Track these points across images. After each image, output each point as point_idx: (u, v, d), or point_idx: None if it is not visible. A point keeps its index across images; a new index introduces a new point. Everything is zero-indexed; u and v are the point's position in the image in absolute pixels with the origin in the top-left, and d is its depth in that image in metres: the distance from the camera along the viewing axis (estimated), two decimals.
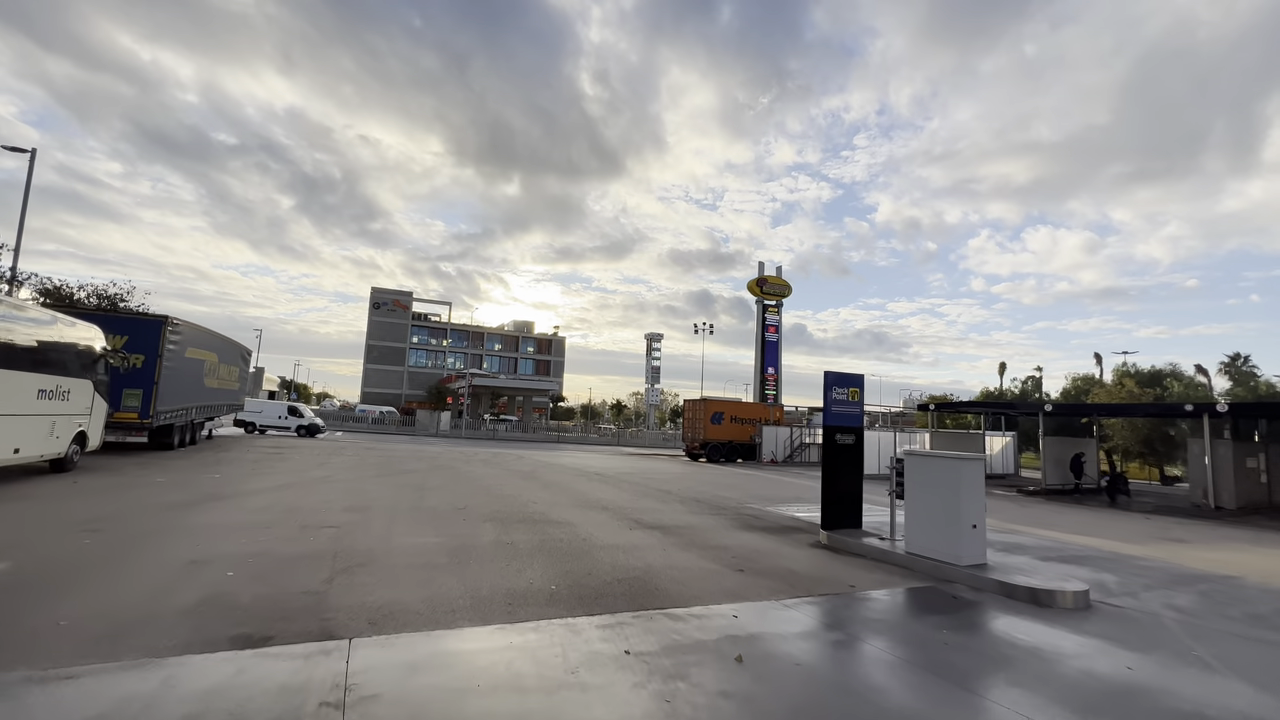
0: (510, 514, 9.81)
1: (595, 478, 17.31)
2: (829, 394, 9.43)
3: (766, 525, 10.41)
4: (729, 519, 10.89)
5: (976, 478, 7.49)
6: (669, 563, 7.02)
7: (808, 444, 35.39)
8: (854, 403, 9.66)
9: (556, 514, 10.13)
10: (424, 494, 11.61)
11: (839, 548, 8.63)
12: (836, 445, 9.43)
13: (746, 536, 9.17)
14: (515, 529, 8.53)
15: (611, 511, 10.82)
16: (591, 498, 12.60)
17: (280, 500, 9.76)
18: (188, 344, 17.96)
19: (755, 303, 44.96)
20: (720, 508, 12.40)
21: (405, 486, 12.57)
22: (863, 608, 5.82)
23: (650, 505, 12.07)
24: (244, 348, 26.72)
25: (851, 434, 9.56)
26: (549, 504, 11.26)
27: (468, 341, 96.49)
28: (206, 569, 5.58)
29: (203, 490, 10.39)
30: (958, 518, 7.26)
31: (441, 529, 8.21)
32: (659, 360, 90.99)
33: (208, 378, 20.48)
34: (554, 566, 6.49)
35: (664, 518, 10.52)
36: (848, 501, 9.44)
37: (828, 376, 9.47)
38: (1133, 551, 9.89)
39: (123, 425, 15.35)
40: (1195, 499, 19.76)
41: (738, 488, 17.16)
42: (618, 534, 8.67)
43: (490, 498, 11.63)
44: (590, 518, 9.97)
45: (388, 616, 4.59)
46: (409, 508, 9.85)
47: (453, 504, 10.50)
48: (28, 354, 10.18)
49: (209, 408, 21.08)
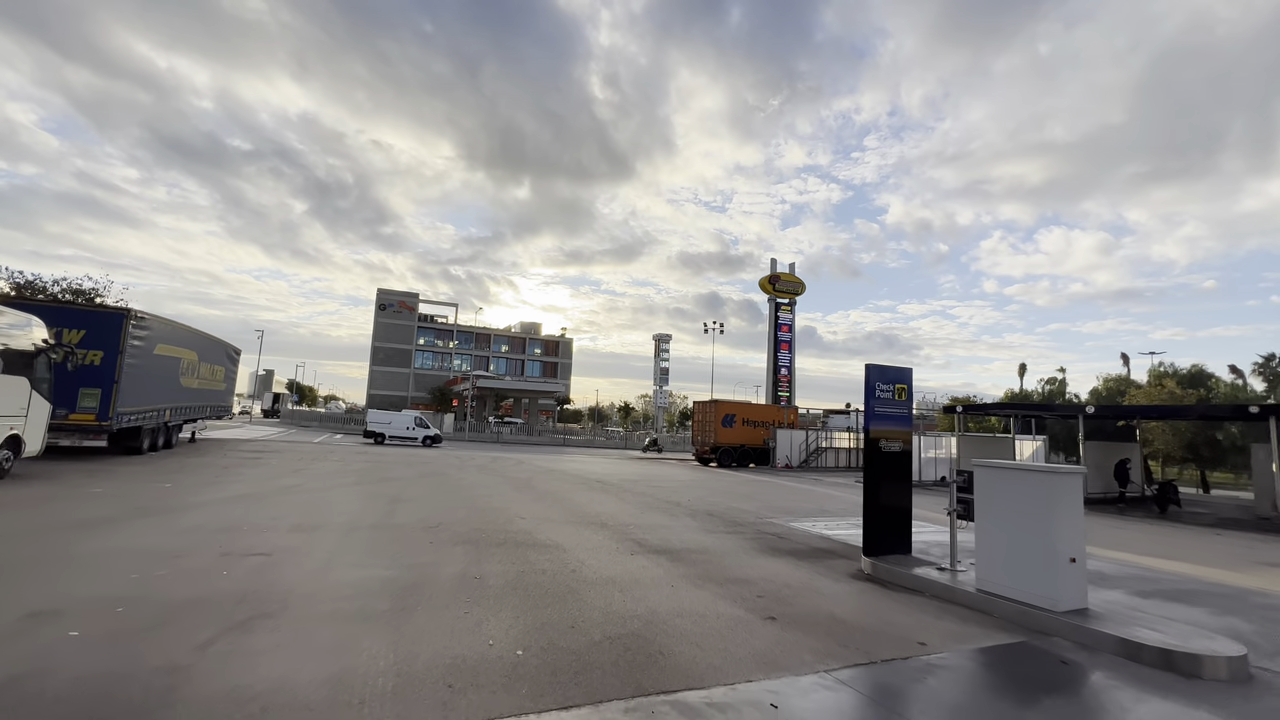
0: (490, 534, 8.28)
1: (597, 486, 15.76)
2: (871, 392, 7.82)
3: (794, 548, 8.80)
4: (748, 539, 9.30)
5: (1074, 498, 5.87)
6: (678, 607, 5.44)
7: (824, 448, 33.68)
8: (901, 402, 8.04)
9: (545, 533, 8.58)
10: (396, 507, 10.11)
11: (888, 580, 7.01)
12: (881, 454, 7.81)
13: (772, 564, 7.57)
14: (490, 556, 6.98)
15: (611, 530, 9.27)
16: (590, 511, 11.05)
17: (219, 517, 8.29)
18: (157, 340, 16.63)
19: (767, 301, 43.26)
20: (736, 523, 10.80)
21: (378, 498, 11.08)
22: (946, 681, 4.21)
23: (656, 520, 10.50)
24: (231, 347, 25.44)
25: (898, 439, 7.95)
26: (539, 520, 9.72)
27: (474, 343, 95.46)
28: (46, 624, 4.09)
29: (137, 504, 8.95)
30: (1051, 549, 5.64)
31: (399, 557, 6.68)
32: (667, 362, 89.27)
33: (185, 377, 19.16)
34: (527, 615, 4.94)
35: (672, 537, 8.95)
36: (895, 522, 7.81)
37: (870, 371, 7.86)
38: (1243, 583, 8.18)
39: (78, 428, 14.01)
40: (1261, 510, 17.86)
41: (754, 498, 15.54)
42: (615, 561, 7.11)
43: (472, 512, 10.11)
44: (585, 538, 8.42)
45: (258, 716, 3.06)
46: (370, 526, 8.34)
47: (425, 520, 8.99)
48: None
49: (188, 409, 19.75)
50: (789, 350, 43.20)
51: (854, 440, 35.44)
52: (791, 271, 44.39)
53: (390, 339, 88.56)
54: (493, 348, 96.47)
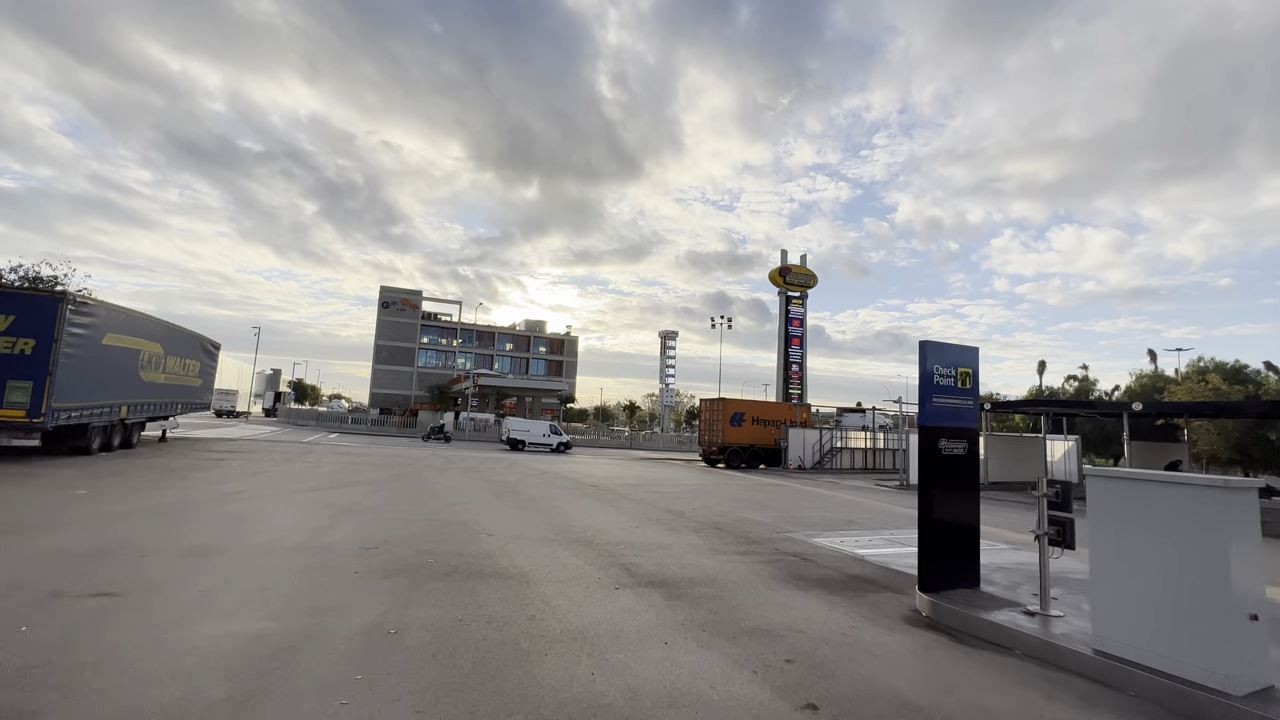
0: (440, 558, 6.55)
1: (590, 492, 14.02)
2: (928, 378, 6.02)
3: (824, 574, 7.01)
4: (765, 561, 7.51)
5: (1249, 524, 4.05)
6: (673, 686, 3.69)
7: (839, 448, 31.80)
8: (965, 391, 6.24)
9: (511, 557, 6.85)
10: (339, 521, 8.42)
11: (958, 629, 5.21)
12: (940, 457, 6.01)
13: (799, 601, 5.80)
14: (425, 595, 5.25)
15: (596, 550, 7.52)
16: (575, 525, 9.31)
17: (102, 536, 6.61)
18: (106, 328, 15.05)
19: (778, 294, 41.36)
20: (750, 539, 9.03)
21: (325, 508, 9.39)
22: None
23: (653, 537, 8.74)
24: (208, 340, 23.91)
25: (962, 439, 6.15)
26: (509, 537, 7.99)
27: (478, 341, 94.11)
28: None
29: (9, 517, 7.30)
30: (1222, 600, 3.84)
31: (296, 598, 4.96)
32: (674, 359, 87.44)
33: (146, 371, 17.60)
34: (440, 707, 3.20)
35: (670, 561, 7.18)
36: (960, 546, 6.01)
37: (926, 351, 6.05)
38: None
39: (6, 425, 12.46)
40: None
41: (768, 505, 13.74)
42: (593, 601, 5.36)
43: (430, 526, 8.40)
44: (560, 564, 6.67)
45: None
46: (291, 548, 6.64)
47: (365, 540, 7.28)
48: None
49: (150, 405, 18.19)
50: (800, 345, 41.29)
51: (870, 440, 33.54)
52: (803, 264, 42.46)
53: (393, 337, 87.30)
54: (497, 346, 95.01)
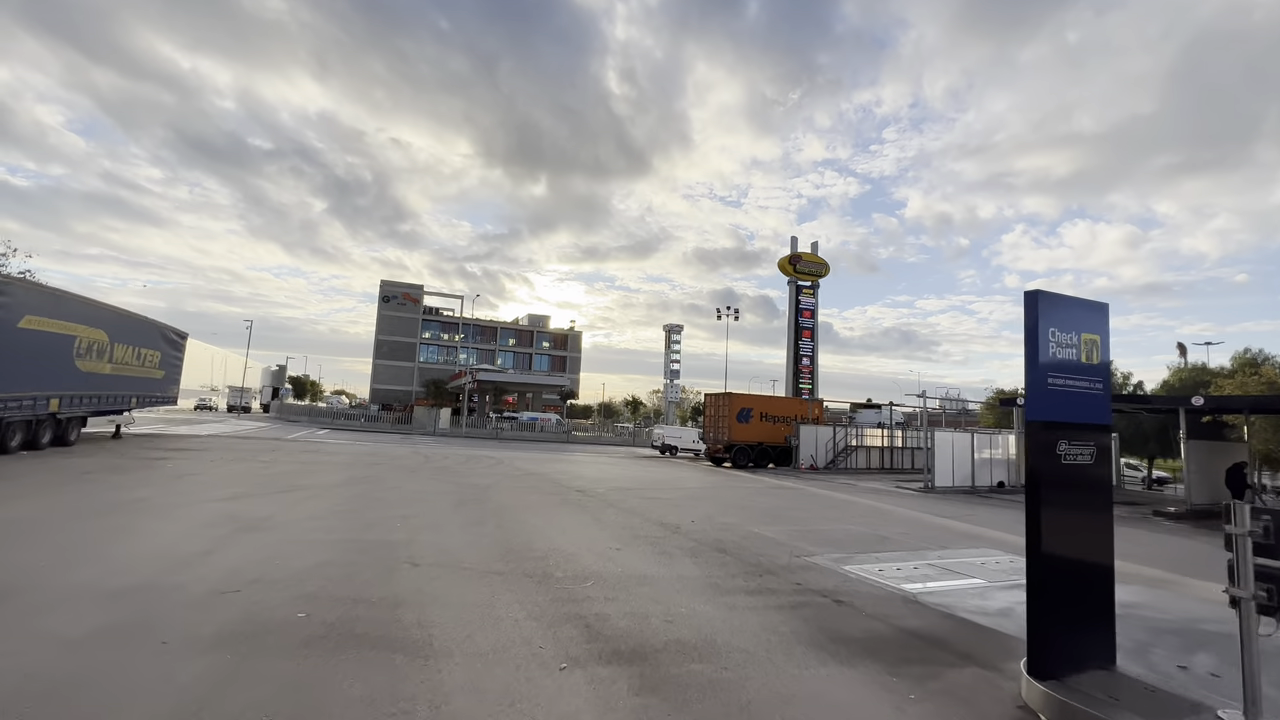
0: (318, 609, 4.56)
1: (574, 499, 12.02)
2: (1040, 344, 3.93)
3: (872, 633, 4.95)
4: (786, 608, 5.47)
5: None
6: None
7: (854, 447, 29.63)
8: (1092, 367, 4.15)
9: (422, 607, 4.85)
10: (228, 544, 6.44)
11: None
12: (1060, 467, 3.93)
13: (844, 692, 3.75)
14: (241, 688, 3.25)
15: (552, 590, 5.50)
16: (538, 547, 7.29)
17: None
18: (24, 310, 13.21)
19: (788, 283, 39.13)
20: (761, 568, 6.98)
21: (225, 523, 7.42)
22: None
23: (636, 565, 6.72)
24: (170, 329, 22.09)
25: (1089, 442, 4.06)
26: (441, 568, 5.99)
27: (481, 337, 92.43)
28: None
29: None
30: None
31: (17, 694, 2.98)
32: (679, 354, 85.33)
33: (85, 360, 15.77)
34: None
35: (653, 610, 5.16)
36: (1089, 603, 3.94)
37: (1038, 304, 3.94)
38: None
39: None
40: None
41: (781, 515, 11.68)
42: (517, 701, 3.34)
43: (343, 551, 6.41)
44: (492, 618, 4.67)
45: None
46: (108, 593, 4.66)
47: (236, 575, 5.30)
48: None
49: (91, 399, 16.35)
50: (811, 338, 39.08)
51: (886, 439, 31.36)
52: (814, 251, 40.21)
53: (394, 332, 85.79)
54: (500, 341, 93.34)
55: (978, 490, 21.36)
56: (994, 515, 13.71)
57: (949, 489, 20.72)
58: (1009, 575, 7.31)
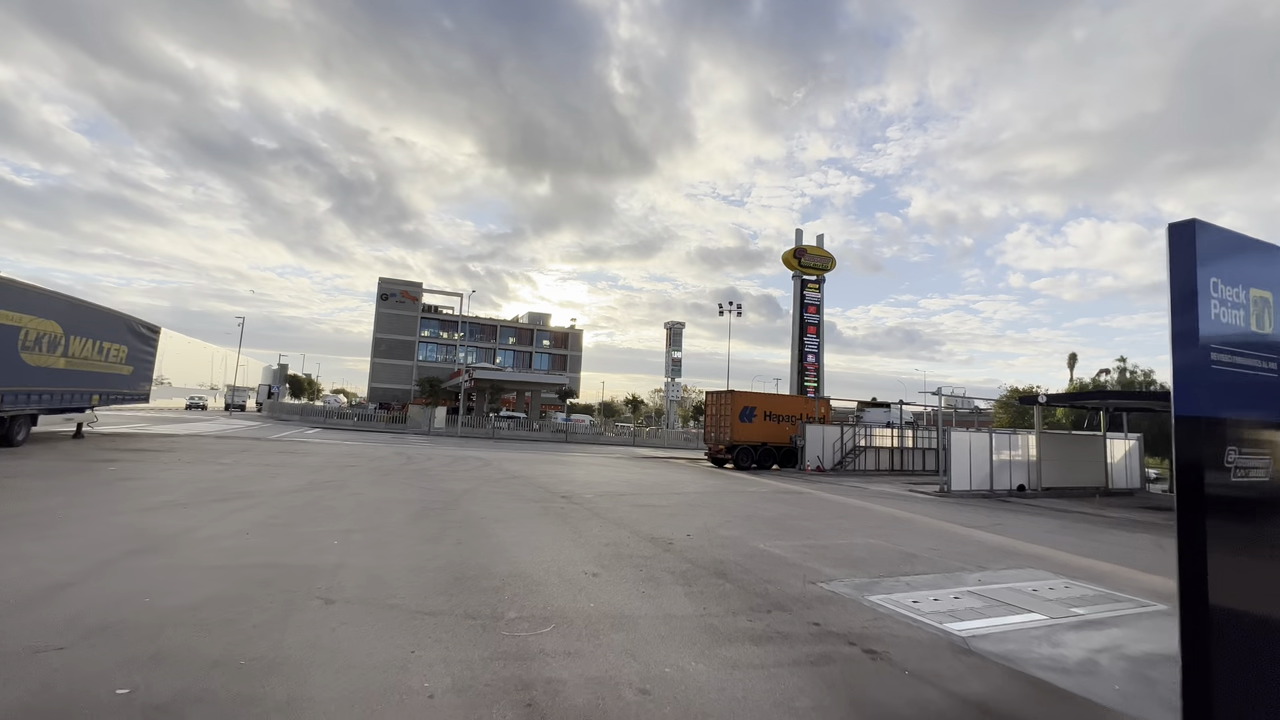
0: (156, 679, 3.26)
1: (556, 507, 10.72)
2: (1199, 301, 2.61)
3: (919, 705, 3.63)
4: (802, 665, 4.15)
5: None
6: None
7: (862, 447, 28.26)
8: (1264, 341, 2.83)
9: (307, 669, 3.54)
10: (106, 571, 5.16)
11: None
12: (1230, 485, 2.61)
13: None
14: None
15: (492, 642, 4.20)
16: (495, 572, 5.98)
17: None
18: None
19: (792, 278, 37.77)
20: (770, 600, 5.67)
21: (130, 540, 6.14)
22: None
23: (612, 600, 5.41)
24: (140, 323, 20.86)
25: (1266, 446, 2.74)
26: (361, 605, 4.70)
27: (481, 335, 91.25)
28: None
29: None
30: None
31: None
32: (680, 351, 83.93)
33: (31, 353, 14.53)
34: None
35: (625, 674, 3.85)
36: (1273, 679, 2.62)
37: (1190, 235, 2.65)
38: None
39: None
40: None
41: (790, 526, 10.36)
42: None
43: (244, 583, 5.12)
44: (401, 692, 3.36)
45: None
46: None
47: (74, 622, 4.01)
48: None
49: (42, 395, 15.13)
50: (817, 334, 37.72)
51: (896, 439, 29.98)
52: (820, 245, 38.82)
53: (393, 330, 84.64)
54: (500, 340, 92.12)
55: (996, 494, 19.99)
56: (1025, 525, 12.36)
57: (966, 493, 19.37)
58: (1070, 607, 5.99)
